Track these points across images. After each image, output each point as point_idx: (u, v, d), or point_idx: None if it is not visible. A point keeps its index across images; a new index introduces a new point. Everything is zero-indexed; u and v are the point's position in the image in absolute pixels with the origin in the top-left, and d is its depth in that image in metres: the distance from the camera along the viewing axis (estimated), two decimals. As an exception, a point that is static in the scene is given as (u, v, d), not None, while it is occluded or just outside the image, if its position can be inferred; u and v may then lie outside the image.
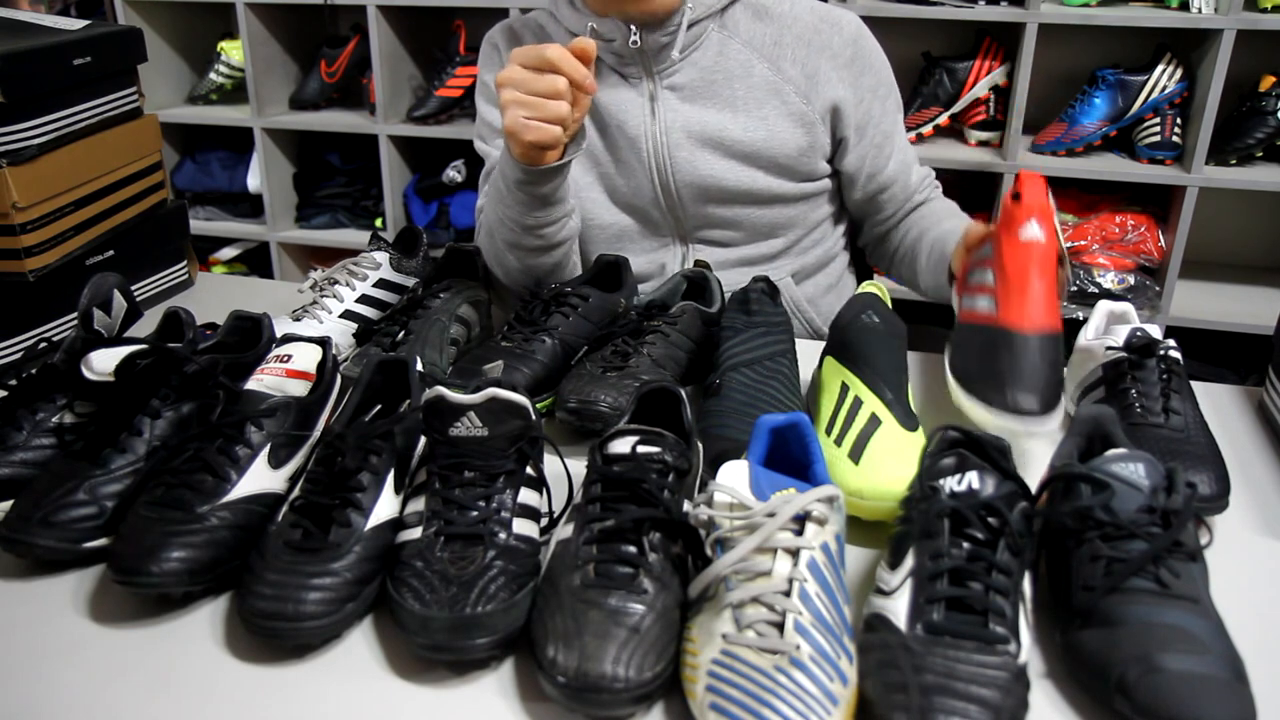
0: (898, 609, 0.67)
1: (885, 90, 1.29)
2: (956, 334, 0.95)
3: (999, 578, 0.66)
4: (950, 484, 0.70)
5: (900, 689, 0.61)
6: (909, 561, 0.68)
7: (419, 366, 0.92)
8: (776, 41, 1.23)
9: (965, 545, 0.68)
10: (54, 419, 0.89)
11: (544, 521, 0.79)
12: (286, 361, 0.91)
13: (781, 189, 1.26)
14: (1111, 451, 0.74)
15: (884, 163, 1.30)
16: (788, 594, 0.64)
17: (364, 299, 1.17)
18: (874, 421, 0.88)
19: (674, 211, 1.29)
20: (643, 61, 1.23)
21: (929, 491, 0.71)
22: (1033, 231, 0.90)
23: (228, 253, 2.90)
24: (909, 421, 0.89)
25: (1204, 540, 0.72)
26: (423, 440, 0.81)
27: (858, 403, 0.89)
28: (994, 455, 0.73)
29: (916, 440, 0.87)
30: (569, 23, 1.25)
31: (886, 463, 0.84)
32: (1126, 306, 1.04)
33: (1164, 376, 0.93)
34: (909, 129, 2.30)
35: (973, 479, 0.70)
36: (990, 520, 0.68)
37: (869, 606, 0.70)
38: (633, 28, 1.19)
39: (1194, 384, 0.97)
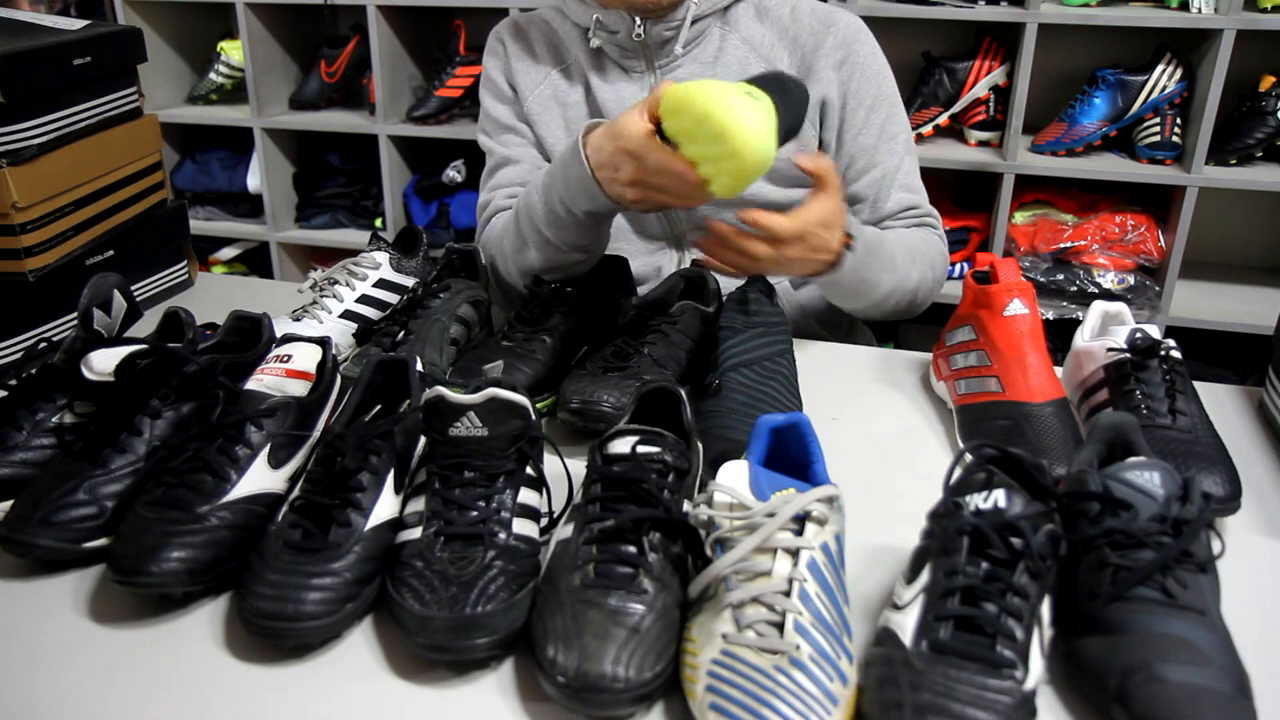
0: (906, 624, 0.65)
1: (874, 102, 1.24)
2: (963, 415, 0.99)
3: (1014, 600, 0.64)
4: (976, 501, 0.68)
5: (895, 706, 0.60)
6: (924, 577, 0.67)
7: (419, 366, 0.92)
8: (774, 43, 1.23)
9: (983, 565, 0.66)
10: (54, 419, 0.89)
11: (544, 521, 0.79)
12: (286, 361, 0.91)
13: (773, 194, 1.25)
14: (1130, 459, 0.73)
15: (856, 176, 1.26)
16: (788, 594, 0.64)
17: (364, 299, 1.17)
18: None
19: (667, 213, 1.28)
20: (645, 54, 1.23)
21: (952, 508, 0.69)
22: (1017, 307, 0.96)
23: (228, 253, 2.90)
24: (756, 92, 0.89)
25: (1216, 550, 0.71)
26: (423, 440, 0.81)
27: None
28: (1031, 473, 0.70)
29: (752, 94, 0.88)
30: (575, 15, 1.25)
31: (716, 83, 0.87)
32: (1121, 307, 1.04)
33: (1168, 377, 0.92)
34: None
35: (1000, 497, 0.67)
36: (1012, 540, 0.66)
37: (882, 619, 0.69)
38: (637, 19, 1.19)
39: (1194, 384, 0.97)
